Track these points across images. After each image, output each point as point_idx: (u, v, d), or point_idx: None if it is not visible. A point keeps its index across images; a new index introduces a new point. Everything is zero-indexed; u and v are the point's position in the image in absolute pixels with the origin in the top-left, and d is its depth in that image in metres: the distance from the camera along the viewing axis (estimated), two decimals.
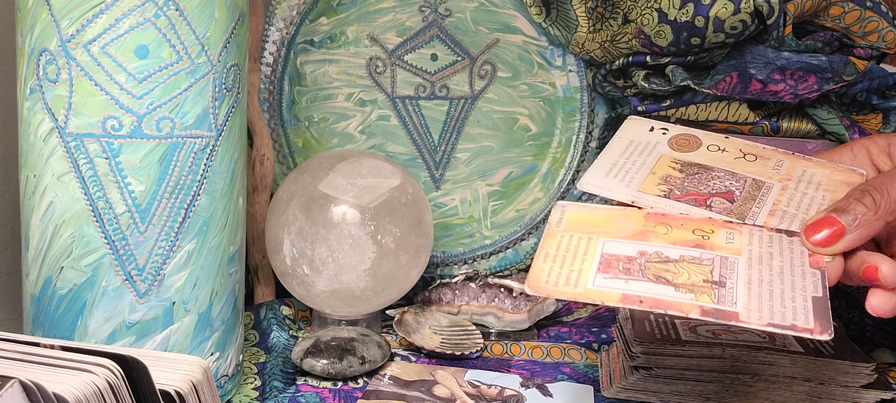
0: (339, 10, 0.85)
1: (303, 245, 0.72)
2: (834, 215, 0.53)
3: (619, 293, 0.50)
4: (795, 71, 0.74)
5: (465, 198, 0.88)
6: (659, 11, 0.75)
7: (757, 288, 0.49)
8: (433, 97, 0.87)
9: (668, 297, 0.49)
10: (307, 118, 0.86)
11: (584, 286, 0.51)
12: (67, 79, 0.55)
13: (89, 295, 0.57)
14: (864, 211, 0.52)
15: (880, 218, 0.52)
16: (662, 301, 0.49)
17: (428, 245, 0.77)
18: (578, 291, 0.50)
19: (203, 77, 0.57)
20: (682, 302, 0.49)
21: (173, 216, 0.57)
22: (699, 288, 0.50)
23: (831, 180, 0.57)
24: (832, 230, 0.52)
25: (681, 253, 0.52)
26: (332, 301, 0.74)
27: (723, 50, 0.76)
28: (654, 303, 0.49)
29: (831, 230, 0.52)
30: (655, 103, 0.80)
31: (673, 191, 0.57)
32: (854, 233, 0.52)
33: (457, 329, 0.77)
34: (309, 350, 0.68)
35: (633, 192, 0.57)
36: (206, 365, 0.46)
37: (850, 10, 0.76)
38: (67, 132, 0.55)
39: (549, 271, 0.52)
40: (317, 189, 0.73)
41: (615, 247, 0.53)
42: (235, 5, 0.58)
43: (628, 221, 0.55)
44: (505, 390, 0.66)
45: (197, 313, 0.59)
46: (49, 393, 0.37)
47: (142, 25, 0.54)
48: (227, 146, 0.59)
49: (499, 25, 0.86)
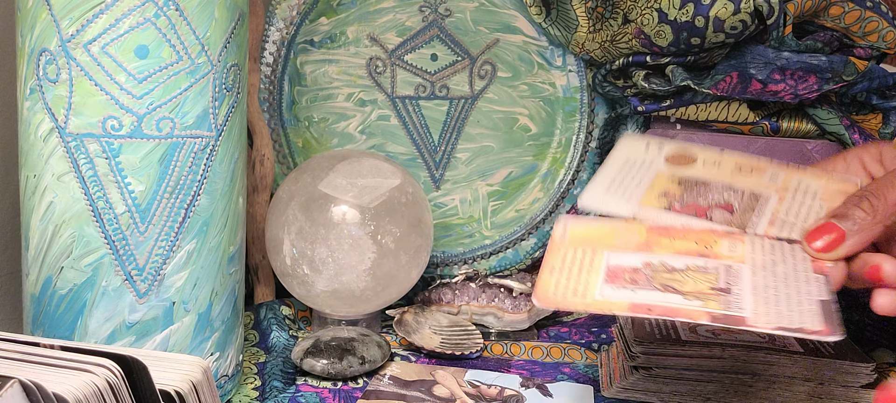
0: (339, 10, 0.85)
1: (303, 245, 0.72)
2: (834, 221, 0.53)
3: (627, 302, 0.50)
4: (795, 71, 0.74)
5: (465, 198, 0.88)
6: (659, 11, 0.75)
7: (763, 293, 0.50)
8: (433, 97, 0.87)
9: (676, 305, 0.49)
10: (307, 118, 0.86)
11: (592, 296, 0.51)
12: (67, 79, 0.55)
13: (89, 295, 0.57)
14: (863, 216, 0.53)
15: (879, 222, 0.53)
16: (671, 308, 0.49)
17: (428, 245, 0.77)
18: (588, 302, 0.51)
19: (203, 77, 0.57)
20: (691, 310, 0.49)
21: (173, 216, 0.57)
22: (706, 296, 0.50)
23: (827, 190, 0.58)
24: (833, 236, 0.53)
25: (686, 262, 0.52)
26: (332, 301, 0.74)
27: (723, 50, 0.76)
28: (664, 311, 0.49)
29: (832, 236, 0.53)
30: (655, 103, 0.80)
31: (673, 205, 0.57)
32: (854, 238, 0.53)
33: (457, 329, 0.77)
34: (309, 350, 0.68)
35: (635, 207, 0.57)
36: (206, 365, 0.46)
37: (850, 10, 0.76)
38: (67, 132, 0.55)
39: (556, 283, 0.52)
40: (317, 189, 0.73)
41: (620, 259, 0.53)
42: (235, 5, 0.58)
43: (631, 234, 0.56)
44: (505, 390, 0.66)
45: (197, 313, 0.59)
46: (49, 393, 0.37)
47: (142, 25, 0.54)
48: (227, 146, 0.59)
49: (499, 25, 0.86)
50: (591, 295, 0.51)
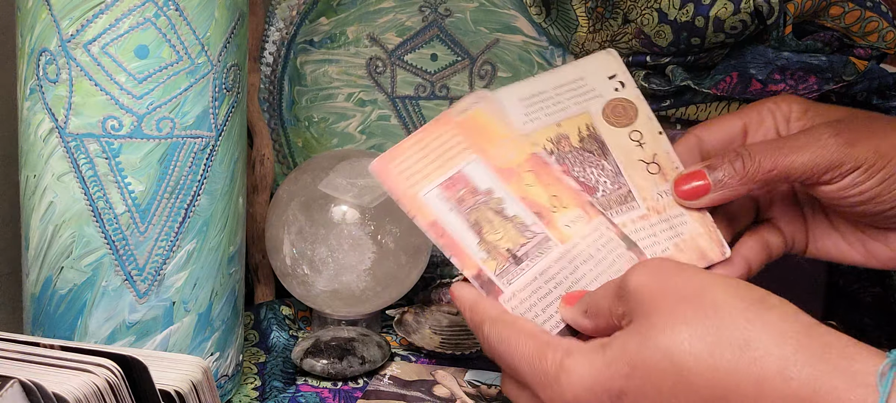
0: (339, 10, 0.85)
1: (303, 245, 0.72)
2: (704, 170, 0.53)
3: (433, 218, 0.51)
4: (795, 71, 0.74)
5: None
6: (659, 11, 0.75)
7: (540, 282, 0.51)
8: (433, 97, 0.87)
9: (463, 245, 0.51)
10: (307, 118, 0.86)
11: (416, 193, 0.52)
12: (67, 79, 0.55)
13: (89, 295, 0.57)
14: (731, 174, 0.52)
15: (746, 185, 0.52)
16: (458, 246, 0.51)
17: (428, 245, 0.77)
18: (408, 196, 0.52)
19: (203, 77, 0.57)
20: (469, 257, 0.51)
21: (173, 216, 0.57)
22: (497, 254, 0.51)
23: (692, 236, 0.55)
24: (700, 184, 0.53)
25: (517, 212, 0.53)
26: (332, 301, 0.74)
27: (723, 50, 0.76)
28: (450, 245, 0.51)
29: (699, 184, 0.53)
30: (655, 103, 0.80)
31: (553, 155, 0.56)
32: (718, 193, 0.53)
33: (457, 329, 0.77)
34: (309, 350, 0.68)
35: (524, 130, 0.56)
36: (206, 365, 0.46)
37: (850, 10, 0.76)
38: (67, 132, 0.55)
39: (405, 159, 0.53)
40: (317, 189, 0.73)
41: (474, 171, 0.53)
42: (235, 5, 0.58)
43: (515, 150, 0.55)
44: None
45: (197, 313, 0.59)
46: (49, 393, 0.37)
47: (142, 25, 0.54)
48: (227, 146, 0.59)
49: (499, 25, 0.86)
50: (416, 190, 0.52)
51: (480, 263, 0.51)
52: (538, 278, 0.51)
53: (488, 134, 0.55)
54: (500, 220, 0.52)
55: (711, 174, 0.53)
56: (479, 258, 0.51)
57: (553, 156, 0.56)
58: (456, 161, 0.53)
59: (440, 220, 0.51)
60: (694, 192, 0.54)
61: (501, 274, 0.51)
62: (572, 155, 0.56)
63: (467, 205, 0.52)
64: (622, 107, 0.59)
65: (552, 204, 0.54)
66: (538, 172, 0.55)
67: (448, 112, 0.55)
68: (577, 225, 0.53)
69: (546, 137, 0.56)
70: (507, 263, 0.51)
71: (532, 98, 0.58)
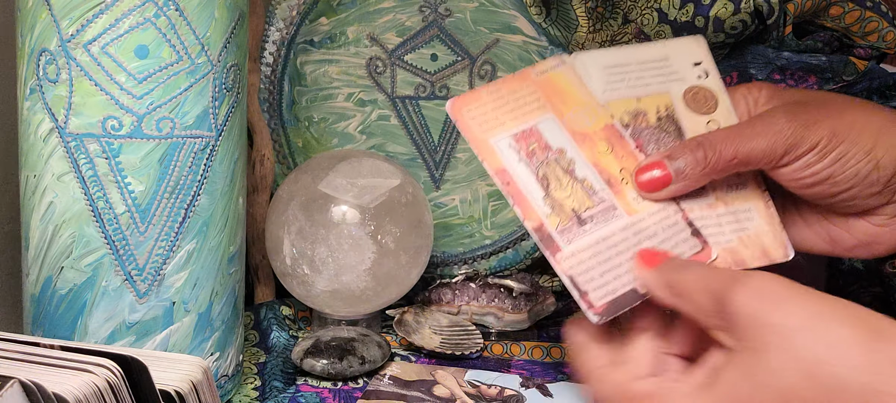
0: (339, 10, 0.85)
1: (303, 245, 0.72)
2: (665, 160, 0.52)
3: (500, 166, 0.51)
4: (795, 71, 0.74)
5: (465, 198, 0.88)
6: (659, 11, 0.75)
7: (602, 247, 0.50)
8: (433, 97, 0.87)
9: (529, 196, 0.51)
10: (307, 118, 0.86)
11: (487, 138, 0.51)
12: (67, 79, 0.55)
13: (89, 295, 0.57)
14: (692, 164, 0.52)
15: (706, 175, 0.52)
16: (523, 196, 0.51)
17: (428, 245, 0.77)
18: (479, 137, 0.51)
19: (203, 77, 0.57)
20: (533, 210, 0.51)
21: (173, 216, 0.57)
22: (562, 212, 0.51)
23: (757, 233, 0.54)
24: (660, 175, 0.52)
25: (587, 175, 0.52)
26: (332, 301, 0.74)
27: (723, 50, 0.76)
28: (515, 194, 0.51)
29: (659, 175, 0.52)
30: None
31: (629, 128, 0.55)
32: (679, 184, 0.52)
33: (457, 329, 0.77)
34: (309, 350, 0.68)
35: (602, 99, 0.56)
36: (206, 365, 0.46)
37: (850, 10, 0.76)
38: (67, 132, 0.55)
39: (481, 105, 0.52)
40: (317, 189, 0.73)
41: (549, 129, 0.53)
42: (235, 5, 0.58)
43: (592, 117, 0.55)
44: (505, 390, 0.66)
45: (197, 313, 0.59)
46: (49, 393, 0.37)
47: (142, 25, 0.54)
48: (227, 146, 0.59)
49: (499, 25, 0.86)
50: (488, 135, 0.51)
51: (543, 217, 0.50)
52: (600, 243, 0.51)
53: (566, 97, 0.55)
54: (568, 179, 0.52)
55: (671, 164, 0.52)
56: (542, 212, 0.51)
57: (628, 129, 0.55)
58: (531, 116, 0.53)
59: (509, 169, 0.51)
60: (653, 183, 0.52)
61: (563, 231, 0.50)
62: (648, 132, 0.56)
63: (538, 160, 0.52)
64: (704, 96, 0.58)
65: (622, 176, 0.53)
66: (612, 143, 0.54)
67: (527, 70, 0.55)
68: (644, 202, 0.53)
69: (624, 110, 0.56)
70: (571, 222, 0.51)
71: (614, 68, 0.57)
